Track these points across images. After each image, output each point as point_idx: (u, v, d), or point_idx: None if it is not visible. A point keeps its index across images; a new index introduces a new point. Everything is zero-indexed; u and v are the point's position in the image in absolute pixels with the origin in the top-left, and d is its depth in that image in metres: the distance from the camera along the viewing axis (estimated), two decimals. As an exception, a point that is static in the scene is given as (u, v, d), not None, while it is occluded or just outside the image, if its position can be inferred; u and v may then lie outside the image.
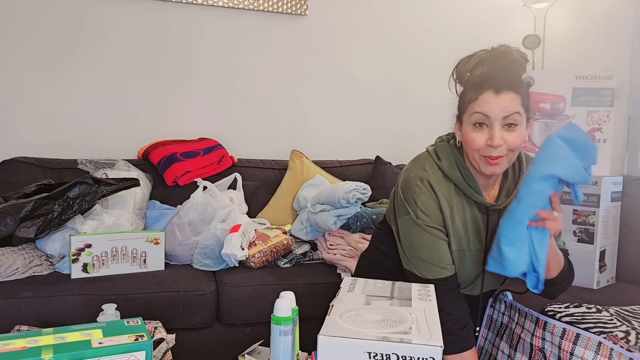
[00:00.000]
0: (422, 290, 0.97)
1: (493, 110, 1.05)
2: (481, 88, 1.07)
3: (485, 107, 1.05)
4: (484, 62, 1.10)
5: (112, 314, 1.23)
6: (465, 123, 1.11)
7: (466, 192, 1.16)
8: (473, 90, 1.08)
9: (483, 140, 1.07)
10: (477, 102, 1.07)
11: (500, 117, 1.05)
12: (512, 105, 1.05)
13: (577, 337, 1.01)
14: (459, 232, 1.18)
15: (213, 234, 1.79)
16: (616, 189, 1.71)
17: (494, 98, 1.05)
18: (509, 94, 1.05)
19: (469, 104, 1.09)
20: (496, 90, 1.05)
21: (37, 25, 2.18)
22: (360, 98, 2.63)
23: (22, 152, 2.15)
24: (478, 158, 1.10)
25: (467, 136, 1.10)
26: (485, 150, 1.07)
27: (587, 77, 1.70)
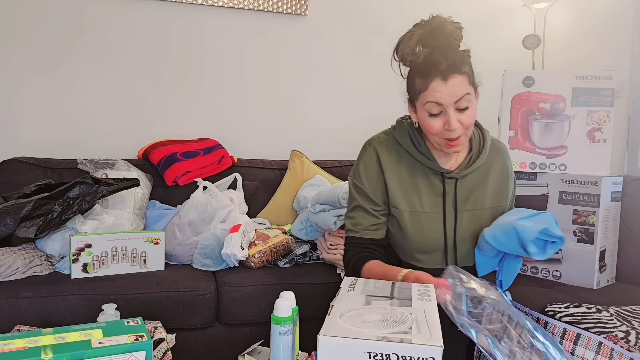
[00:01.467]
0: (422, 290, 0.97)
1: (444, 98, 1.08)
2: (429, 76, 1.09)
3: (436, 96, 1.09)
4: (423, 41, 1.13)
5: (112, 314, 1.23)
6: (419, 110, 1.15)
7: (416, 158, 1.21)
8: (420, 78, 1.11)
9: (440, 125, 1.12)
10: (427, 92, 1.10)
11: (452, 103, 1.09)
12: (461, 88, 1.08)
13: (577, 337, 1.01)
14: (409, 194, 1.21)
15: (213, 234, 1.79)
16: (616, 189, 1.71)
17: (442, 86, 1.08)
18: (456, 78, 1.08)
19: (419, 94, 1.12)
20: (443, 77, 1.08)
21: (37, 25, 2.18)
22: (360, 98, 2.63)
23: (22, 152, 2.15)
24: (439, 140, 1.15)
25: (424, 123, 1.14)
26: (443, 133, 1.12)
27: (587, 77, 1.70)
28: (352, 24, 2.60)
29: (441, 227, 1.22)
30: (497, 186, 1.27)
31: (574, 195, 1.68)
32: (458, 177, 1.22)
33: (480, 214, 1.24)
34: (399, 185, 1.21)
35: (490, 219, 1.24)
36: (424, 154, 1.21)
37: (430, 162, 1.21)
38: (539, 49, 2.68)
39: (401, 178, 1.22)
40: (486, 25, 2.78)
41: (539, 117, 1.75)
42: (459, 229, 1.23)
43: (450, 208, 1.22)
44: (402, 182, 1.21)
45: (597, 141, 1.71)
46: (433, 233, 1.22)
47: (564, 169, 1.74)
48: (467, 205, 1.23)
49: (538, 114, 1.75)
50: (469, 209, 1.23)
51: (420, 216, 1.21)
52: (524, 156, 1.77)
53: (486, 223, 1.23)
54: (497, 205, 1.27)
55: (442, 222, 1.22)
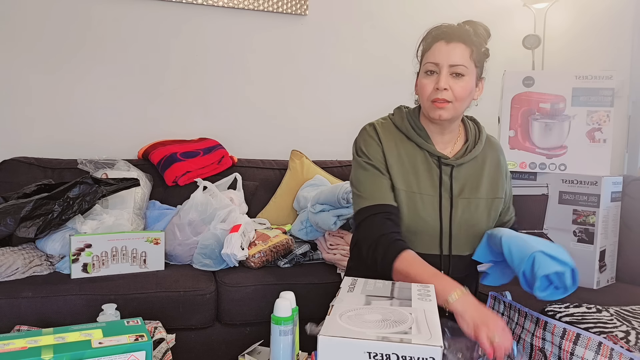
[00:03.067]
0: (422, 290, 0.97)
1: (441, 57, 1.15)
2: (436, 39, 1.18)
3: (435, 55, 1.16)
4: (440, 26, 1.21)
5: (112, 314, 1.23)
6: (420, 76, 1.21)
7: (414, 140, 1.24)
8: (429, 42, 1.20)
9: (432, 85, 1.17)
10: (430, 51, 1.18)
11: (447, 64, 1.15)
12: (460, 55, 1.15)
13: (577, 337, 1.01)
14: (407, 175, 1.23)
15: (213, 234, 1.79)
16: (616, 189, 1.71)
17: (444, 46, 1.16)
18: (459, 45, 1.15)
19: (423, 55, 1.20)
20: (447, 40, 1.16)
21: (38, 26, 2.18)
22: (360, 98, 2.63)
23: (22, 152, 2.14)
24: (428, 106, 1.19)
25: (419, 83, 1.20)
26: (433, 94, 1.16)
27: (587, 77, 1.70)
28: (352, 24, 2.60)
29: (437, 210, 1.23)
30: (492, 178, 1.28)
31: (574, 195, 1.68)
32: (454, 165, 1.24)
33: (476, 203, 1.24)
34: (398, 165, 1.23)
35: (486, 210, 1.25)
36: (422, 137, 1.24)
37: (427, 145, 1.24)
38: (539, 49, 2.68)
39: (400, 158, 1.24)
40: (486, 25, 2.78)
41: (539, 117, 1.75)
42: (454, 215, 1.23)
43: (446, 194, 1.23)
44: (401, 162, 1.24)
45: (597, 141, 1.71)
46: (428, 215, 1.22)
47: (564, 169, 1.74)
48: (462, 194, 1.24)
49: (538, 114, 1.75)
50: (464, 197, 1.24)
51: (416, 197, 1.22)
52: (524, 156, 1.77)
53: (481, 214, 1.24)
54: (492, 197, 1.27)
55: (438, 205, 1.23)
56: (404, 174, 1.23)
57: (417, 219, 1.22)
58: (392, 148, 1.24)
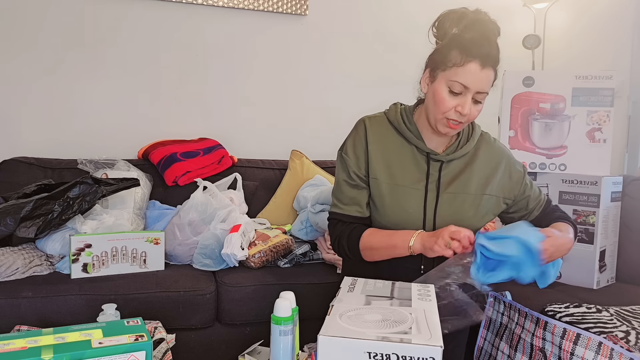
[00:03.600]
0: (422, 290, 0.97)
1: (473, 83, 1.12)
2: (470, 55, 1.12)
3: (468, 78, 1.12)
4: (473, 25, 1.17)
5: (112, 314, 1.23)
6: (439, 83, 1.16)
7: (404, 135, 1.24)
8: (461, 53, 1.13)
9: (453, 105, 1.14)
10: (462, 68, 1.12)
11: (475, 91, 1.13)
12: (488, 84, 1.15)
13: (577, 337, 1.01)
14: (392, 168, 1.23)
15: (213, 234, 1.79)
16: (616, 189, 1.71)
17: (478, 72, 1.12)
18: (490, 72, 1.14)
19: (452, 67, 1.13)
20: (483, 63, 1.12)
21: (38, 26, 2.18)
22: (360, 97, 2.63)
23: (22, 152, 2.14)
24: (440, 119, 1.16)
25: (439, 96, 1.15)
26: (451, 114, 1.15)
27: (587, 77, 1.70)
28: (352, 24, 2.60)
29: (421, 204, 1.23)
30: (483, 175, 1.27)
31: (574, 195, 1.68)
32: (444, 160, 1.24)
33: (463, 199, 1.24)
34: (382, 158, 1.24)
35: (473, 207, 1.25)
36: (412, 132, 1.24)
37: (417, 140, 1.24)
38: (539, 49, 2.68)
39: (386, 152, 1.25)
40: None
41: (539, 117, 1.75)
42: (439, 209, 1.23)
43: (432, 187, 1.23)
44: (387, 155, 1.25)
45: (597, 141, 1.71)
46: (412, 208, 1.22)
47: (564, 169, 1.74)
48: (450, 188, 1.24)
49: (538, 114, 1.75)
50: (450, 192, 1.24)
51: (399, 189, 1.23)
52: (524, 156, 1.77)
53: (468, 209, 1.24)
54: (481, 193, 1.26)
55: (422, 199, 1.23)
56: (389, 167, 1.24)
57: (401, 212, 1.23)
58: (379, 143, 1.25)
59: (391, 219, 1.23)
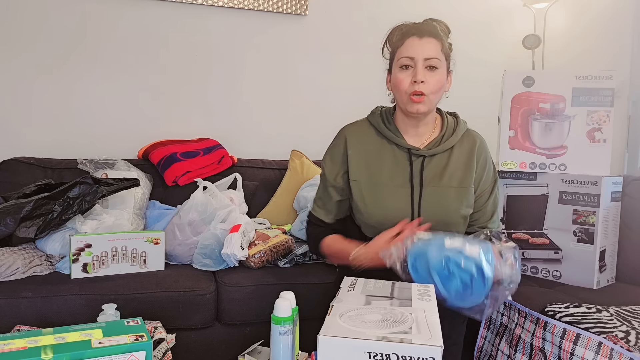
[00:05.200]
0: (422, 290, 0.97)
1: (416, 52, 1.20)
2: (407, 34, 1.23)
3: (410, 49, 1.21)
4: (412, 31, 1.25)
5: (112, 314, 1.23)
6: (394, 69, 1.25)
7: (384, 134, 1.30)
8: (399, 38, 1.24)
9: (408, 79, 1.21)
10: (403, 46, 1.22)
11: (422, 58, 1.19)
12: (434, 49, 1.20)
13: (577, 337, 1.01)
14: (372, 168, 1.28)
15: (213, 234, 1.79)
16: (616, 189, 1.71)
17: (417, 41, 1.21)
18: (431, 40, 1.21)
19: (396, 50, 1.24)
20: (419, 35, 1.21)
21: (38, 26, 2.18)
22: (360, 98, 2.62)
23: (22, 152, 2.14)
24: (406, 99, 1.22)
25: (395, 79, 1.24)
26: (410, 87, 1.20)
27: (587, 77, 1.70)
28: (352, 24, 2.60)
29: (403, 200, 1.25)
30: (464, 167, 1.29)
31: (574, 195, 1.68)
32: (425, 155, 1.27)
33: (446, 192, 1.26)
34: (363, 160, 1.29)
35: (457, 199, 1.27)
36: (391, 130, 1.29)
37: (397, 138, 1.28)
38: (539, 49, 2.68)
39: (367, 154, 1.29)
40: (486, 25, 2.78)
41: (539, 117, 1.75)
42: (423, 204, 1.25)
43: (416, 183, 1.25)
44: (367, 156, 1.29)
45: (597, 141, 1.71)
46: (394, 205, 1.24)
47: (564, 169, 1.74)
48: (433, 182, 1.26)
49: (538, 114, 1.75)
50: (433, 186, 1.26)
51: (379, 188, 1.26)
52: (524, 156, 1.77)
53: (452, 202, 1.26)
54: (464, 186, 1.28)
55: (409, 195, 1.25)
56: (368, 167, 1.28)
57: (383, 209, 1.25)
58: (358, 146, 1.30)
59: (373, 218, 1.26)
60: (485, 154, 1.34)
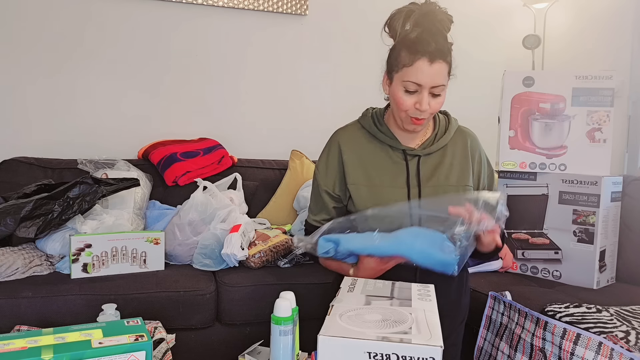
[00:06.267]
0: (422, 290, 0.97)
1: (425, 81, 1.14)
2: (417, 53, 1.14)
3: (419, 76, 1.14)
4: (416, 19, 1.19)
5: (112, 314, 1.23)
6: (395, 84, 1.20)
7: (377, 137, 1.28)
8: (408, 53, 1.16)
9: (412, 103, 1.17)
10: (411, 68, 1.15)
11: (429, 86, 1.15)
12: (441, 77, 1.16)
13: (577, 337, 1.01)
14: (369, 171, 1.26)
15: (213, 234, 1.79)
16: (616, 189, 1.71)
17: (427, 67, 1.14)
18: (440, 64, 1.15)
19: (402, 67, 1.17)
20: (430, 59, 1.13)
21: (38, 26, 2.18)
22: (360, 98, 2.62)
23: (22, 152, 2.15)
24: (404, 117, 1.20)
25: (397, 97, 1.19)
26: (412, 111, 1.18)
27: (587, 77, 1.70)
28: (351, 24, 2.60)
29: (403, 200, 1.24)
30: (461, 166, 1.29)
31: (574, 195, 1.68)
32: (421, 155, 1.26)
33: (445, 190, 1.26)
34: (359, 164, 1.27)
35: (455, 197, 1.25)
36: (384, 133, 1.28)
37: (390, 140, 1.27)
38: (539, 49, 2.68)
39: (362, 157, 1.28)
40: (486, 25, 2.78)
41: (539, 117, 1.75)
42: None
43: (414, 183, 1.25)
44: (362, 160, 1.27)
45: (597, 141, 1.71)
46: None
47: (564, 169, 1.74)
48: (431, 182, 1.26)
49: (538, 114, 1.75)
50: (432, 186, 1.26)
51: (378, 190, 1.25)
52: (524, 156, 1.77)
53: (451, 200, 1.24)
54: (462, 184, 1.28)
55: (406, 195, 1.25)
56: (365, 171, 1.26)
57: None
58: (352, 150, 1.29)
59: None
60: (480, 150, 1.34)
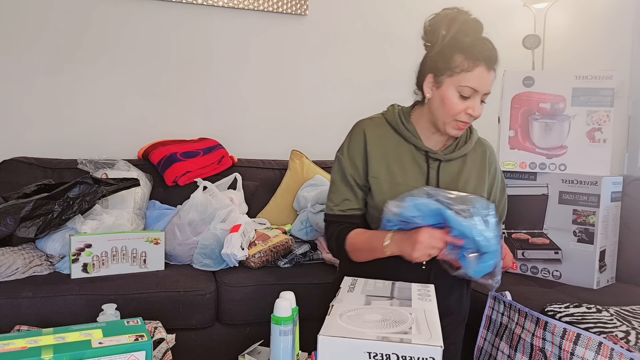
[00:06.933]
0: (422, 290, 0.97)
1: (482, 87, 1.16)
2: (477, 59, 1.14)
3: (477, 82, 1.15)
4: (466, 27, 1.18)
5: (112, 314, 1.23)
6: (448, 87, 1.17)
7: (403, 134, 1.26)
8: (467, 58, 1.15)
9: (463, 107, 1.17)
10: (471, 74, 1.14)
11: (483, 92, 1.17)
12: (492, 85, 1.19)
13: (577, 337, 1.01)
14: (392, 167, 1.25)
15: (213, 234, 1.79)
16: (616, 189, 1.71)
17: (486, 74, 1.15)
18: (494, 73, 1.18)
19: (460, 72, 1.15)
20: (489, 66, 1.16)
21: (39, 26, 2.18)
22: (360, 98, 2.63)
23: (22, 152, 2.14)
24: (450, 121, 1.19)
25: (449, 100, 1.17)
26: (461, 116, 1.18)
27: (587, 77, 1.70)
28: (352, 24, 2.60)
29: None
30: (476, 176, 1.30)
31: (574, 195, 1.68)
32: (442, 160, 1.26)
33: None
34: (382, 158, 1.26)
35: None
36: (410, 131, 1.26)
37: (415, 139, 1.25)
38: (539, 49, 2.68)
39: (386, 152, 1.26)
40: (486, 25, 2.76)
41: (539, 117, 1.75)
42: None
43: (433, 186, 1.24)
44: (386, 155, 1.26)
45: (597, 141, 1.71)
46: None
47: (564, 169, 1.74)
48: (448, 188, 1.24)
49: (538, 114, 1.75)
50: None
51: (400, 187, 1.23)
52: (524, 156, 1.77)
53: None
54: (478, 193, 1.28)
55: None
56: (388, 166, 1.25)
57: None
58: (378, 143, 1.27)
59: None
60: (496, 164, 1.35)
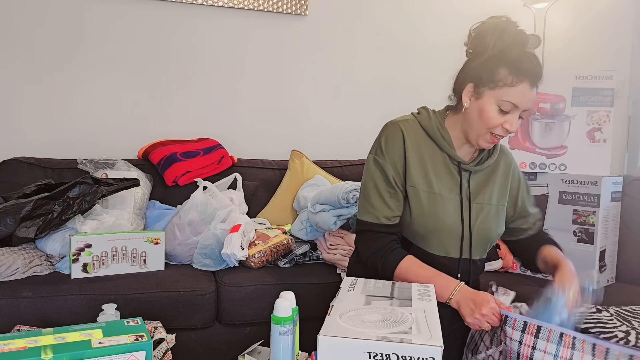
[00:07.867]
0: (422, 290, 0.97)
1: (523, 103, 1.13)
2: (522, 75, 1.12)
3: (519, 98, 1.12)
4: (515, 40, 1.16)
5: (112, 314, 1.23)
6: (488, 99, 1.15)
7: (438, 143, 1.23)
8: (511, 72, 1.12)
9: (501, 122, 1.15)
10: (514, 89, 1.12)
11: (522, 109, 1.15)
12: (533, 102, 1.17)
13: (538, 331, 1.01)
14: (429, 175, 1.22)
15: (213, 234, 1.79)
16: (616, 189, 1.71)
17: (528, 92, 1.13)
18: (536, 90, 1.15)
19: (503, 86, 1.13)
20: (532, 83, 1.13)
21: (38, 26, 2.18)
22: (360, 98, 2.62)
23: (22, 152, 2.14)
24: (484, 133, 1.17)
25: (487, 113, 1.15)
26: (498, 130, 1.16)
27: (587, 77, 1.70)
28: (352, 24, 2.60)
29: (457, 213, 1.23)
30: (501, 186, 1.30)
31: (574, 195, 1.68)
32: (471, 171, 1.25)
33: (488, 209, 1.26)
34: (420, 165, 1.22)
35: (496, 217, 1.27)
36: (446, 140, 1.23)
37: (450, 149, 1.23)
38: (539, 48, 2.68)
39: (423, 159, 1.23)
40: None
41: (539, 117, 1.75)
42: (473, 219, 1.24)
43: (464, 197, 1.24)
44: (424, 162, 1.23)
45: (597, 141, 1.71)
46: (449, 217, 1.22)
47: (564, 169, 1.74)
48: (477, 199, 1.25)
49: (538, 114, 1.75)
50: (478, 203, 1.25)
51: (437, 197, 1.21)
52: (524, 156, 1.77)
53: (492, 220, 1.26)
54: (501, 205, 1.29)
55: (459, 208, 1.23)
56: (425, 174, 1.22)
57: (437, 220, 1.21)
58: (415, 149, 1.22)
59: (427, 227, 1.22)
60: (518, 172, 1.35)
